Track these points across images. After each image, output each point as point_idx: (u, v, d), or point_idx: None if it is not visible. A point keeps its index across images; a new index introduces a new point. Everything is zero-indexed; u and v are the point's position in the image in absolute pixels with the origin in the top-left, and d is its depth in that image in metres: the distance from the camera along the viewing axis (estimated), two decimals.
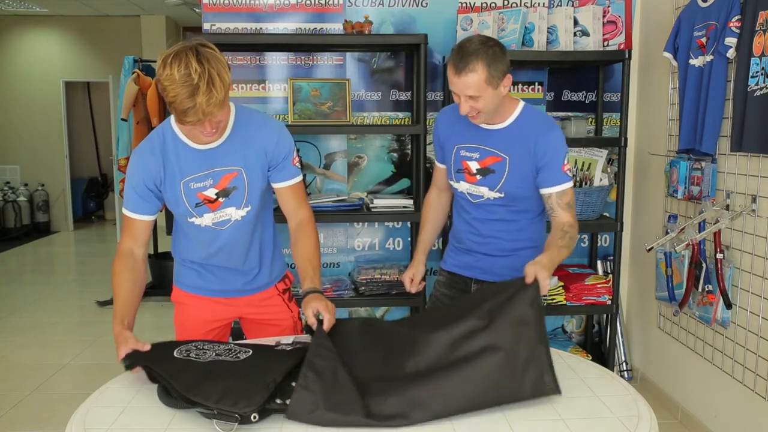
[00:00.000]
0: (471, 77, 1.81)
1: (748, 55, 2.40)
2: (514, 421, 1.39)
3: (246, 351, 1.61)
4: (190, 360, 1.54)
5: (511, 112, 1.99)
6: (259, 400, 1.36)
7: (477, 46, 1.83)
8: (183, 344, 1.65)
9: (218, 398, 1.36)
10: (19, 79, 8.82)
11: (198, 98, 1.54)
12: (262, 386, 1.40)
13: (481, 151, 2.01)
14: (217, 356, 1.57)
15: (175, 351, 1.59)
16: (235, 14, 3.31)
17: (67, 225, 9.05)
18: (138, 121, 4.86)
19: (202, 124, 1.62)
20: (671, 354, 3.16)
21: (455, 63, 1.83)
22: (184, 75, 1.56)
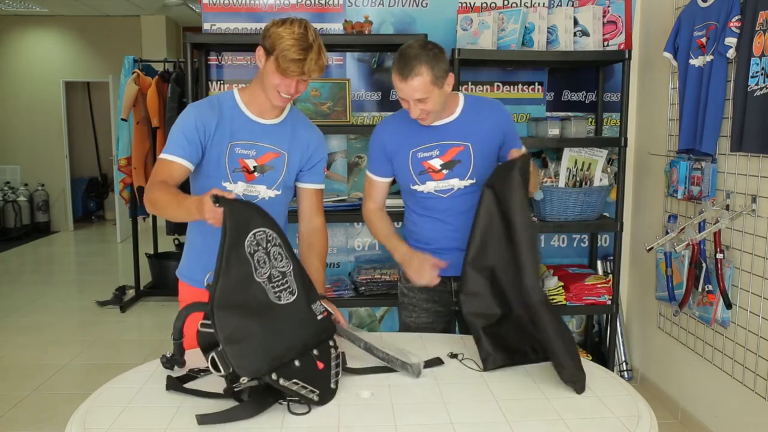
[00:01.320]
0: (417, 81, 1.87)
1: (748, 55, 2.40)
2: (514, 421, 1.39)
3: (291, 292, 1.57)
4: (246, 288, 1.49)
5: (457, 104, 2.06)
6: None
7: (417, 50, 1.88)
8: (250, 232, 1.55)
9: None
10: (19, 79, 8.82)
11: (309, 55, 1.74)
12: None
13: (439, 147, 2.04)
14: (271, 286, 1.53)
15: (245, 244, 1.51)
16: (235, 14, 3.31)
17: (67, 225, 9.05)
18: (138, 121, 4.86)
19: (292, 82, 1.77)
20: (671, 354, 3.16)
21: (400, 70, 1.88)
22: (302, 33, 1.74)
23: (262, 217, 1.58)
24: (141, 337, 4.58)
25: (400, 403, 1.48)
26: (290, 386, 1.44)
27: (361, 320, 3.55)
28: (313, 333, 1.56)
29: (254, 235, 1.53)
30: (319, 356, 1.55)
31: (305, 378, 1.48)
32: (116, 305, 5.11)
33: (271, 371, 1.42)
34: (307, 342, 1.53)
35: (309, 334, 1.55)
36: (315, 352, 1.55)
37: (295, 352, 1.49)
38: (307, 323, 1.57)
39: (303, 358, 1.51)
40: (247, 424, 1.38)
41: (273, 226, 1.60)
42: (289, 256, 1.61)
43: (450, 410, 1.44)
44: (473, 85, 3.39)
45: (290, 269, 1.59)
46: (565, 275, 3.27)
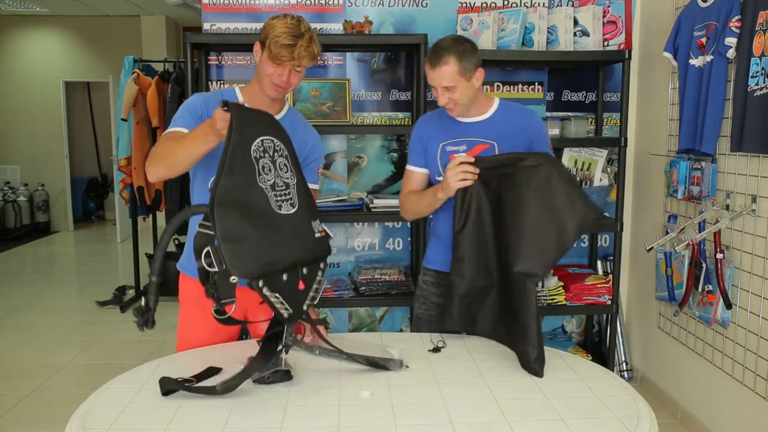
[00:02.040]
0: (444, 69, 1.98)
1: (748, 55, 2.40)
2: (514, 421, 1.39)
3: (292, 204, 1.59)
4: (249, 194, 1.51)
5: (490, 106, 2.15)
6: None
7: (449, 43, 2.02)
8: (257, 141, 1.57)
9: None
10: (19, 79, 8.82)
11: (300, 42, 1.78)
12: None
13: (467, 143, 2.11)
14: (274, 195, 1.56)
15: (252, 148, 1.54)
16: (235, 14, 3.31)
17: (67, 225, 9.05)
18: (138, 121, 4.86)
19: (283, 70, 1.81)
20: (671, 354, 3.16)
21: (430, 58, 2.02)
22: (294, 23, 1.81)
23: (273, 127, 1.63)
24: (141, 337, 4.58)
25: (400, 403, 1.48)
26: (270, 297, 1.48)
27: (361, 320, 3.55)
28: (307, 249, 1.60)
29: (262, 142, 1.57)
30: (306, 275, 1.58)
31: (286, 294, 1.51)
32: (116, 305, 5.11)
33: (261, 276, 1.45)
34: (299, 257, 1.56)
35: (303, 249, 1.58)
36: (304, 271, 1.57)
37: (287, 264, 1.52)
38: (303, 238, 1.60)
39: (290, 273, 1.53)
40: (247, 424, 1.38)
41: (282, 138, 1.63)
42: (294, 170, 1.64)
43: (450, 410, 1.44)
44: None
45: (294, 182, 1.62)
46: (565, 275, 3.27)
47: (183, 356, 1.83)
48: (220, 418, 1.40)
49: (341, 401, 1.49)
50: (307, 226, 1.62)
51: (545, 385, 1.59)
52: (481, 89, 2.11)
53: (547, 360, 1.75)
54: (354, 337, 1.96)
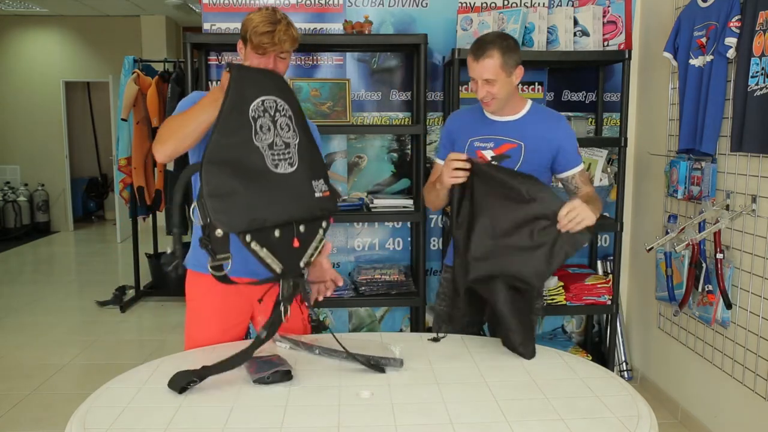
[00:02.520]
0: (488, 62, 2.04)
1: (748, 55, 2.40)
2: (514, 421, 1.39)
3: (290, 164, 1.62)
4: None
5: (522, 107, 2.20)
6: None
7: (494, 37, 2.08)
8: (260, 96, 1.62)
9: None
10: (19, 79, 8.82)
11: (278, 27, 1.79)
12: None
13: (495, 141, 2.17)
14: (272, 155, 1.58)
15: (251, 108, 1.58)
16: (235, 14, 3.30)
17: (67, 225, 9.05)
18: (138, 121, 4.86)
19: (269, 57, 1.81)
20: (671, 354, 3.16)
21: (474, 51, 2.06)
22: (270, 12, 1.83)
23: (278, 87, 1.66)
24: (141, 337, 4.58)
25: (400, 403, 1.48)
26: (258, 252, 1.51)
27: (361, 320, 3.55)
28: (305, 208, 1.62)
29: (263, 102, 1.60)
30: (303, 233, 1.60)
31: (276, 250, 1.54)
32: (116, 305, 5.11)
33: (247, 231, 1.49)
34: (294, 215, 1.59)
35: (299, 208, 1.61)
36: (301, 228, 1.60)
37: (277, 221, 1.54)
38: (300, 197, 1.62)
39: (284, 230, 1.56)
40: (247, 424, 1.38)
41: (288, 98, 1.66)
42: (299, 131, 1.66)
43: (450, 410, 1.44)
44: None
45: (295, 142, 1.64)
46: (565, 275, 3.27)
47: (183, 356, 1.83)
48: (220, 418, 1.40)
49: (341, 401, 1.49)
50: (306, 185, 1.64)
51: (545, 385, 1.59)
52: (516, 89, 2.16)
53: (547, 360, 1.75)
54: (354, 337, 1.96)
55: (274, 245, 1.55)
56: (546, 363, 1.75)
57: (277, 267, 1.56)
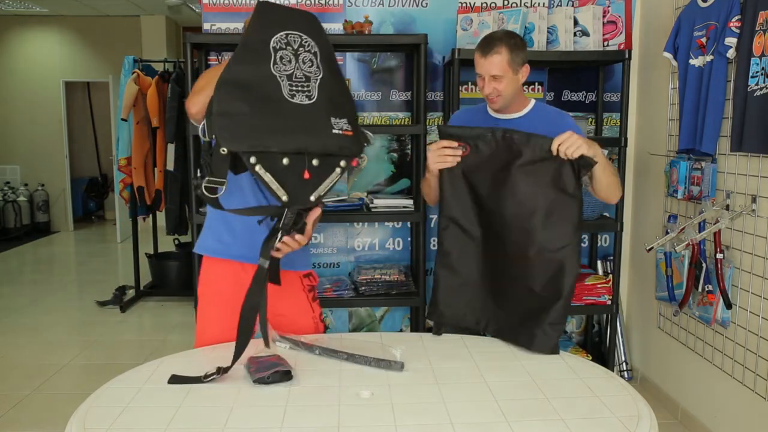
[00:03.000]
0: (495, 58, 2.05)
1: (748, 55, 2.40)
2: (514, 421, 1.39)
3: (308, 97, 1.62)
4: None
5: (526, 105, 2.21)
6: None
7: (501, 35, 2.10)
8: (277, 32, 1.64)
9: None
10: (19, 79, 8.82)
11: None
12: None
13: None
14: (290, 89, 1.60)
15: (273, 39, 1.61)
16: (235, 14, 3.31)
17: (67, 225, 9.05)
18: (138, 121, 4.86)
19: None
20: (671, 354, 3.16)
21: (482, 47, 2.08)
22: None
23: (305, 25, 1.67)
24: (141, 337, 4.58)
25: (400, 403, 1.48)
26: (263, 176, 1.52)
27: (361, 320, 3.55)
28: (315, 140, 1.61)
29: (286, 35, 1.62)
30: (316, 167, 1.60)
31: (284, 179, 1.55)
32: (116, 305, 5.11)
33: (250, 152, 1.51)
34: (306, 146, 1.59)
35: (312, 140, 1.60)
36: (314, 162, 1.60)
37: (283, 149, 1.55)
38: (313, 130, 1.61)
39: (294, 159, 1.56)
40: (247, 424, 1.38)
41: (315, 36, 1.67)
42: (323, 67, 1.66)
43: (450, 410, 1.44)
44: (473, 85, 3.39)
45: (318, 77, 1.65)
46: None
47: (183, 356, 1.83)
48: (220, 418, 1.40)
49: (341, 401, 1.49)
50: (323, 120, 1.64)
51: (545, 385, 1.59)
52: (522, 87, 2.18)
53: (547, 360, 1.75)
54: (354, 338, 1.96)
55: (281, 173, 1.56)
56: (546, 363, 1.75)
57: (283, 195, 1.57)
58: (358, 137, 1.70)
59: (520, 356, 1.80)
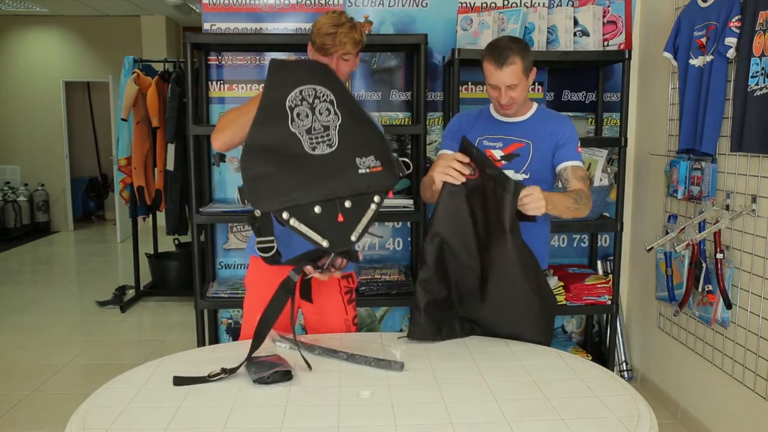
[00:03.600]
0: (511, 68, 2.06)
1: (748, 55, 2.40)
2: (514, 421, 1.39)
3: (329, 145, 1.70)
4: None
5: (529, 108, 2.25)
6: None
7: (509, 42, 2.10)
8: (296, 89, 1.71)
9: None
10: (19, 79, 8.82)
11: (341, 29, 1.89)
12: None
13: (503, 140, 2.20)
14: (310, 141, 1.69)
15: (288, 99, 1.70)
16: (235, 14, 3.31)
17: (67, 225, 9.05)
18: (138, 121, 4.86)
19: (332, 58, 1.90)
20: (671, 354, 3.16)
21: (495, 59, 2.07)
22: (336, 16, 1.93)
23: (317, 75, 1.74)
24: (141, 337, 4.58)
25: (400, 403, 1.48)
26: (298, 228, 1.61)
27: (361, 320, 3.55)
28: (346, 185, 1.67)
29: (300, 92, 1.70)
30: (350, 209, 1.67)
31: (319, 225, 1.62)
32: (116, 305, 5.11)
33: (282, 210, 1.60)
34: (334, 192, 1.66)
35: (339, 185, 1.67)
36: (347, 204, 1.66)
37: (312, 199, 1.64)
38: (340, 174, 1.68)
39: (326, 206, 1.65)
40: (247, 424, 1.38)
41: (328, 83, 1.74)
42: (342, 113, 1.73)
43: (450, 410, 1.44)
44: (473, 85, 3.39)
45: (336, 124, 1.72)
46: (565, 275, 3.27)
47: (183, 356, 1.83)
48: (220, 418, 1.40)
49: (341, 401, 1.49)
50: (347, 163, 1.70)
51: (545, 385, 1.59)
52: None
53: (547, 360, 1.75)
54: (354, 337, 1.96)
55: (315, 221, 1.63)
56: (546, 363, 1.75)
57: (323, 241, 1.63)
58: (391, 169, 1.74)
59: (520, 356, 1.80)
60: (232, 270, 3.47)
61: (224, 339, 3.46)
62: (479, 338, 1.97)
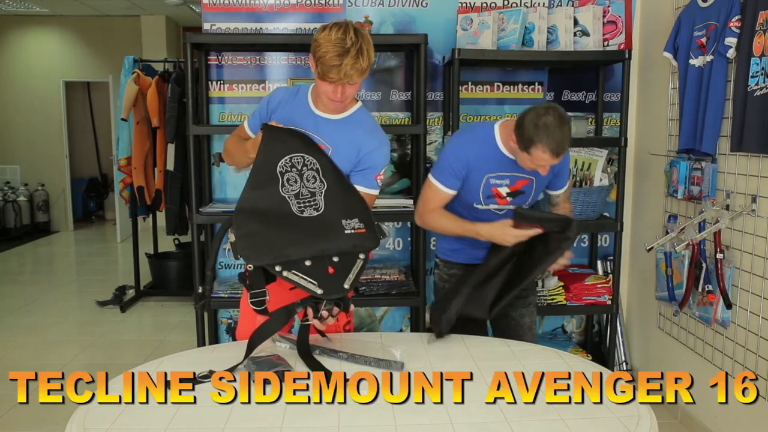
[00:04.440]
0: (561, 158, 2.07)
1: (748, 55, 2.40)
2: (514, 421, 1.39)
3: (316, 209, 1.81)
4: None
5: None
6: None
7: (566, 130, 2.02)
8: (286, 157, 1.83)
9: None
10: (19, 79, 8.82)
11: (345, 60, 1.77)
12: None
13: (510, 178, 2.23)
14: (298, 203, 1.80)
15: (279, 164, 1.82)
16: (235, 14, 3.31)
17: (67, 225, 9.05)
18: (138, 121, 4.86)
19: (336, 87, 1.84)
20: (671, 354, 3.16)
21: (553, 148, 2.00)
22: (339, 38, 1.77)
23: (306, 145, 1.85)
24: (141, 337, 4.58)
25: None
26: (290, 276, 1.69)
27: (361, 320, 3.55)
28: (333, 243, 1.77)
29: (290, 159, 1.82)
30: (338, 263, 1.76)
31: (312, 275, 1.70)
32: (116, 305, 5.11)
33: (274, 264, 1.69)
34: (323, 249, 1.75)
35: (327, 243, 1.76)
36: (335, 259, 1.76)
37: (303, 255, 1.72)
38: (327, 234, 1.78)
39: (315, 260, 1.73)
40: (247, 424, 1.38)
41: (315, 153, 1.85)
42: (327, 180, 1.84)
43: (450, 410, 1.44)
44: (473, 85, 3.39)
45: (322, 190, 1.83)
46: (565, 275, 3.27)
47: (183, 356, 1.83)
48: (220, 418, 1.40)
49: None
50: (334, 224, 1.80)
51: (545, 385, 1.58)
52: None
53: (547, 360, 1.75)
54: (354, 337, 1.96)
55: (306, 272, 1.71)
56: (546, 363, 1.75)
57: (317, 289, 1.70)
58: (373, 231, 1.85)
59: (520, 356, 1.80)
60: (232, 270, 3.47)
61: (224, 339, 3.46)
62: (479, 338, 1.97)
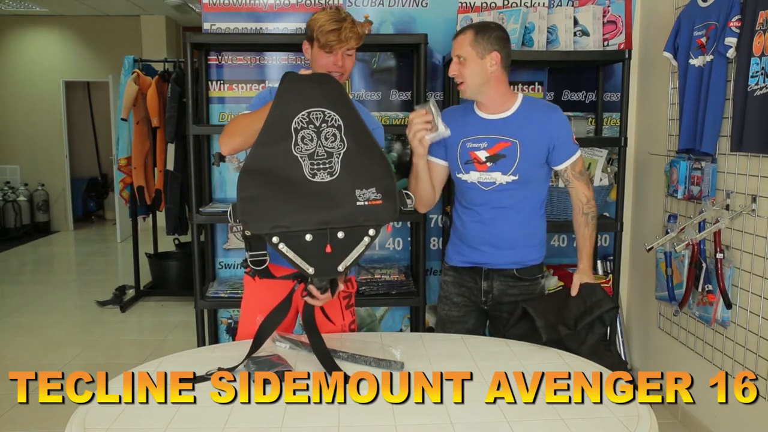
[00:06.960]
0: (460, 38, 2.07)
1: (748, 55, 2.40)
2: (514, 421, 1.39)
3: (330, 173, 1.65)
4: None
5: (513, 102, 2.15)
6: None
7: (479, 21, 2.16)
8: (303, 111, 1.66)
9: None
10: (19, 79, 8.82)
11: (344, 24, 1.91)
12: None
13: (488, 140, 2.12)
14: (311, 166, 1.65)
15: (294, 120, 1.64)
16: (235, 14, 3.30)
17: (67, 225, 9.05)
18: (138, 121, 4.86)
19: (336, 56, 1.91)
20: (671, 354, 3.16)
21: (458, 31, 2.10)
22: (334, 11, 1.96)
23: (330, 99, 1.66)
24: (141, 337, 4.58)
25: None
26: (286, 253, 1.61)
27: (361, 320, 3.55)
28: (340, 216, 1.64)
29: (308, 114, 1.64)
30: (342, 239, 1.64)
31: (307, 254, 1.61)
32: (116, 305, 5.11)
33: (272, 234, 1.60)
34: (327, 221, 1.63)
35: (334, 215, 1.63)
36: (339, 235, 1.63)
37: (305, 227, 1.62)
38: (336, 205, 1.64)
39: (317, 235, 1.62)
40: (247, 424, 1.38)
41: (338, 108, 1.66)
42: (348, 139, 1.66)
43: (450, 410, 1.44)
44: None
45: (341, 151, 1.66)
46: (565, 275, 3.27)
47: (183, 356, 1.83)
48: (220, 418, 1.40)
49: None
50: (346, 193, 1.65)
51: (545, 385, 1.58)
52: (501, 80, 2.11)
53: (547, 360, 1.75)
54: (354, 337, 1.96)
55: (304, 249, 1.62)
56: (546, 363, 1.75)
57: (308, 268, 1.63)
58: (392, 203, 1.69)
59: (520, 356, 1.80)
60: (232, 270, 3.47)
61: (224, 339, 3.46)
62: (479, 338, 1.97)
